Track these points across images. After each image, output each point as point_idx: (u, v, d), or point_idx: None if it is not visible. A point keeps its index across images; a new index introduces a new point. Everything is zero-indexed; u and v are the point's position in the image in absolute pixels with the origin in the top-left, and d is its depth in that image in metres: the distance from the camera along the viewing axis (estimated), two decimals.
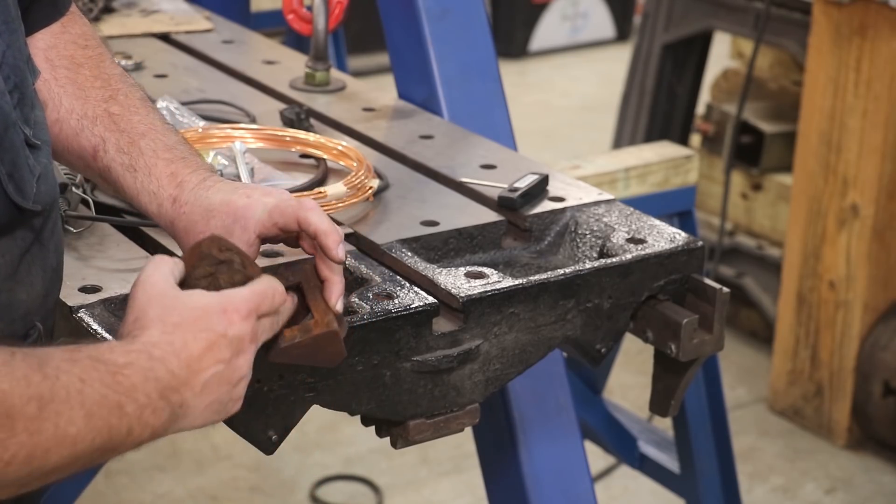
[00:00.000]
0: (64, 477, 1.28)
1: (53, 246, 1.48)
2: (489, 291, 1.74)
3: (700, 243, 1.90)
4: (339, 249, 1.52)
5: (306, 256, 1.58)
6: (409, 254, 1.86)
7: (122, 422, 1.28)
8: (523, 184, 2.03)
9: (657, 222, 1.97)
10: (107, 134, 1.65)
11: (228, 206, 1.58)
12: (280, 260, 1.77)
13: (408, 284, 1.74)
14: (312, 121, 2.30)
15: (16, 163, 1.37)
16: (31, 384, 1.22)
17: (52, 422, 1.23)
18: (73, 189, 1.88)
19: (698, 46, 4.65)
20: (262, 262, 1.76)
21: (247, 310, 1.40)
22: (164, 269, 1.41)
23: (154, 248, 1.84)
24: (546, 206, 2.01)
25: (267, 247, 1.71)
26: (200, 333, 1.36)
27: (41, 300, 1.46)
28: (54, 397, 1.23)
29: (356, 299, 1.70)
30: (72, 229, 1.85)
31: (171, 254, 1.79)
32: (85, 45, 1.69)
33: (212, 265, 1.44)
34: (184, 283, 1.43)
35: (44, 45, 1.65)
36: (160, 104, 2.24)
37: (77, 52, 1.68)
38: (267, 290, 1.43)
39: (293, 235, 1.57)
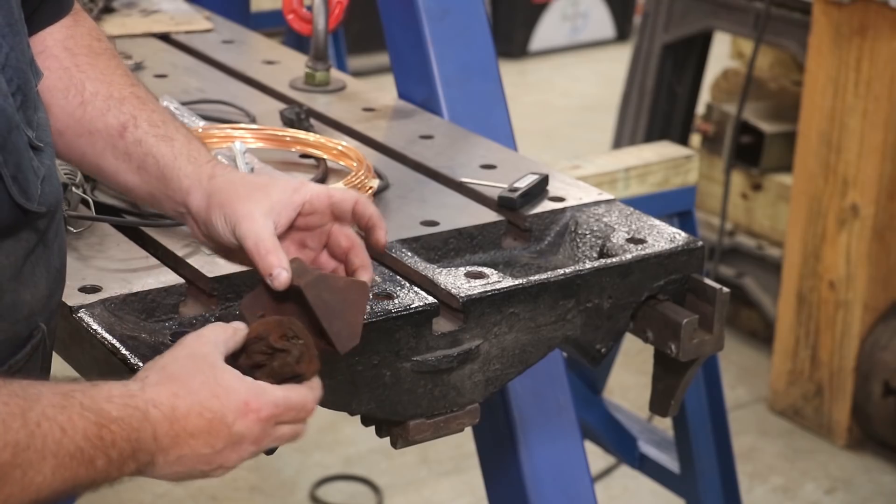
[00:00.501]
0: None
1: (57, 247, 1.48)
2: (489, 291, 1.74)
3: (700, 243, 1.90)
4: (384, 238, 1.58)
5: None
6: (409, 254, 1.86)
7: (89, 474, 1.28)
8: (523, 184, 2.03)
9: (657, 222, 1.97)
10: (137, 112, 1.64)
11: (278, 179, 1.59)
12: None
13: (408, 284, 1.74)
14: (312, 121, 2.30)
15: (20, 165, 1.37)
16: (10, 430, 1.21)
17: (22, 469, 1.22)
18: (73, 189, 1.88)
19: (698, 46, 4.65)
20: None
21: (268, 414, 1.39)
22: (219, 336, 1.41)
23: (154, 248, 1.84)
24: (546, 206, 2.01)
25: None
26: (207, 413, 1.35)
27: (45, 301, 1.46)
28: (30, 445, 1.22)
29: None
30: (72, 229, 1.84)
31: (172, 255, 1.80)
32: (99, 38, 1.70)
33: (269, 348, 1.42)
34: (239, 354, 1.42)
35: (60, 35, 1.65)
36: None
37: (94, 42, 1.69)
38: (301, 403, 1.42)
39: (329, 222, 1.57)
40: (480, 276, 1.78)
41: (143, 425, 1.32)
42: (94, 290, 1.69)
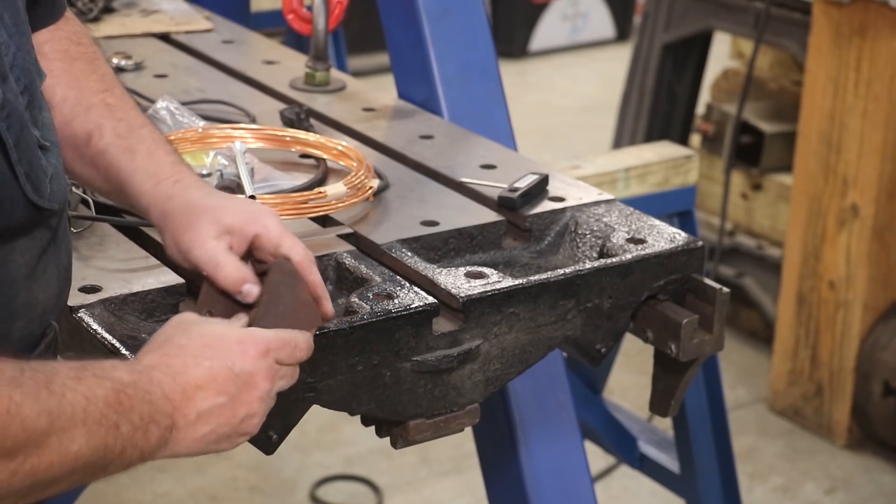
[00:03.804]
0: (57, 493, 1.28)
1: (65, 245, 1.49)
2: (489, 291, 1.74)
3: (700, 243, 1.90)
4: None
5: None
6: (409, 254, 1.86)
7: (117, 442, 1.28)
8: (523, 184, 2.03)
9: (657, 222, 1.97)
10: (103, 121, 1.64)
11: (235, 202, 1.59)
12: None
13: (408, 284, 1.74)
14: (312, 121, 2.30)
15: (32, 163, 1.38)
16: (40, 399, 1.23)
17: (58, 437, 1.23)
18: (73, 189, 1.88)
19: (698, 46, 4.65)
20: None
21: (264, 347, 1.39)
22: (190, 314, 1.44)
23: (154, 248, 1.84)
24: (546, 206, 2.01)
25: None
26: (204, 361, 1.36)
27: (56, 299, 1.47)
28: (61, 413, 1.24)
29: (356, 299, 1.70)
30: (72, 229, 1.84)
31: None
32: (79, 43, 1.70)
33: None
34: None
35: (39, 41, 1.65)
36: (160, 104, 2.24)
37: (71, 47, 1.68)
38: (293, 339, 1.43)
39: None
40: (480, 276, 1.78)
41: (151, 387, 1.32)
42: (94, 290, 1.69)
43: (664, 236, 1.92)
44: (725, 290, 1.87)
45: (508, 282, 1.76)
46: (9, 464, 1.20)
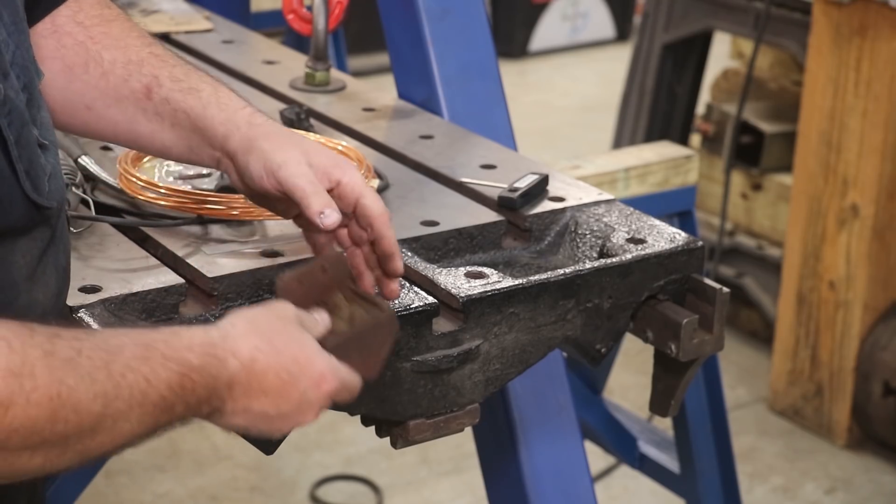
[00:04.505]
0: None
1: (63, 245, 1.49)
2: (489, 291, 1.74)
3: (700, 243, 1.90)
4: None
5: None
6: (409, 254, 1.86)
7: (168, 419, 1.30)
8: (523, 184, 2.03)
9: (657, 222, 1.96)
10: (157, 71, 1.65)
11: (325, 147, 1.62)
12: (280, 260, 1.77)
13: (408, 284, 1.74)
14: (312, 121, 2.30)
15: (31, 160, 1.39)
16: (97, 382, 1.22)
17: (112, 419, 1.24)
18: (73, 189, 1.88)
19: (698, 46, 4.65)
20: (262, 261, 1.76)
21: (334, 389, 1.41)
22: (293, 308, 1.44)
23: (154, 248, 1.84)
24: (546, 206, 2.01)
25: (267, 246, 1.73)
26: (284, 374, 1.37)
27: (55, 300, 1.47)
28: (118, 396, 1.24)
29: None
30: (72, 229, 1.84)
31: (172, 255, 1.79)
32: (108, 5, 1.70)
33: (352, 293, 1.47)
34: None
35: (69, 11, 1.66)
36: None
37: (104, 10, 1.69)
38: (354, 386, 1.46)
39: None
40: (480, 276, 1.77)
41: (220, 373, 1.32)
42: (94, 290, 1.69)
43: (664, 236, 1.92)
44: (725, 290, 1.86)
45: (508, 282, 1.76)
46: (61, 448, 1.21)
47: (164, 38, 2.82)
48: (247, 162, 1.58)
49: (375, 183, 2.02)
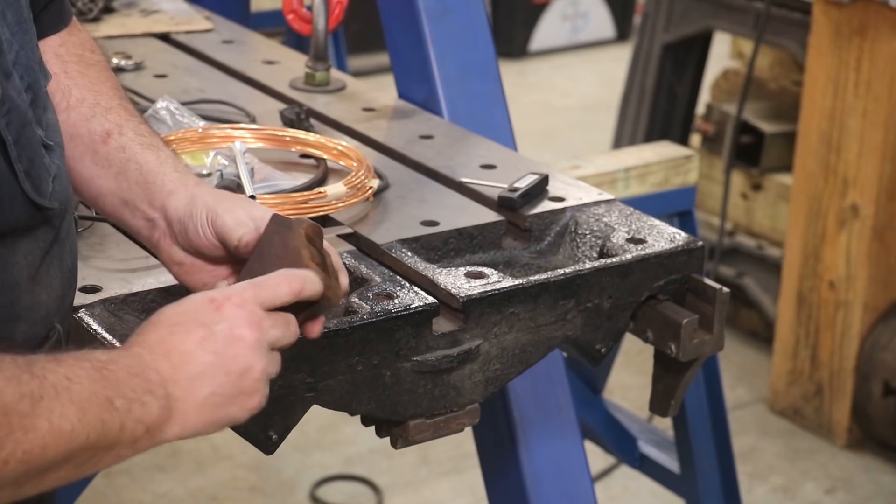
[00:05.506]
0: (63, 480, 1.27)
1: (69, 246, 1.49)
2: (489, 291, 1.74)
3: (700, 243, 1.90)
4: None
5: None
6: (409, 254, 1.86)
7: (114, 417, 1.27)
8: (523, 184, 2.03)
9: (657, 222, 1.96)
10: (123, 122, 1.64)
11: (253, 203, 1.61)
12: None
13: (408, 284, 1.74)
14: (312, 121, 2.30)
15: (33, 161, 1.38)
16: (22, 382, 1.21)
17: (45, 418, 1.22)
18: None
19: (698, 46, 4.65)
20: None
21: (240, 298, 1.37)
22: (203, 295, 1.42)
23: None
24: (546, 206, 2.01)
25: None
26: (178, 327, 1.35)
27: (59, 301, 1.47)
28: (44, 395, 1.22)
29: (356, 299, 1.70)
30: None
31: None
32: (92, 51, 1.71)
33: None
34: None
35: (54, 44, 1.66)
36: (160, 104, 2.24)
37: (86, 53, 1.69)
38: (274, 282, 1.40)
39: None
40: (480, 276, 1.77)
41: (132, 361, 1.31)
42: (94, 290, 1.69)
43: (664, 236, 1.92)
44: (725, 290, 1.86)
45: (508, 282, 1.76)
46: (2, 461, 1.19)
47: (164, 38, 2.82)
48: (189, 216, 1.56)
49: (376, 183, 2.02)
